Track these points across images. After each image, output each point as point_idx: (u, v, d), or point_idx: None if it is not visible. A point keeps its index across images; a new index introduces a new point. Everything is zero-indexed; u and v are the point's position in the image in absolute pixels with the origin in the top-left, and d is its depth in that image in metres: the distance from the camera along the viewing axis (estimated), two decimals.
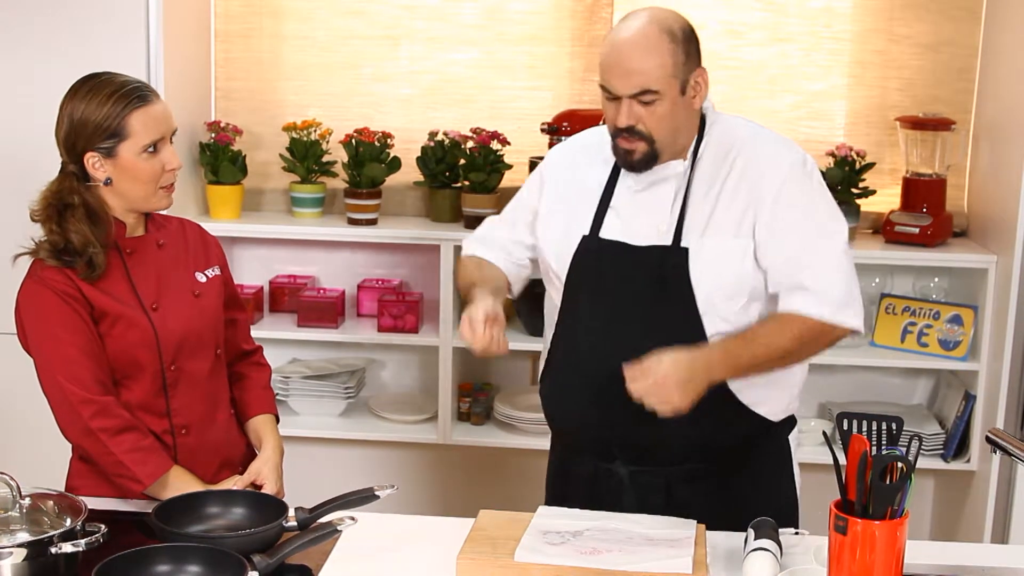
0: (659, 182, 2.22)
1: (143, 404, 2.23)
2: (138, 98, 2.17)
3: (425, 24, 3.74)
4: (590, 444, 2.30)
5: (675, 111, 2.16)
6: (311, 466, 3.67)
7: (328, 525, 1.96)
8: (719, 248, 2.17)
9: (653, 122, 2.15)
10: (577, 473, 2.34)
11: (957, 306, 3.48)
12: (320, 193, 3.71)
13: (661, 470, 2.25)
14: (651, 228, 2.21)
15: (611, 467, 2.27)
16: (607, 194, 2.26)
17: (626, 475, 2.27)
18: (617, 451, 2.26)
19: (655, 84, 2.12)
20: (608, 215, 2.25)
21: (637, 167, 2.20)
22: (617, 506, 2.21)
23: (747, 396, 2.22)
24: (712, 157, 2.22)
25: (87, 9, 3.31)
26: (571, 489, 2.34)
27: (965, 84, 3.63)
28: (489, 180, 3.58)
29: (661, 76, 2.12)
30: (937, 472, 3.72)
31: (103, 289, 2.19)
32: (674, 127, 2.18)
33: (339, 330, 3.63)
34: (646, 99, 2.13)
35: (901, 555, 1.78)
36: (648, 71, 2.12)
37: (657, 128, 2.16)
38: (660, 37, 2.13)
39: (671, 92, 2.14)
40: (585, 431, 2.29)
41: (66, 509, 1.96)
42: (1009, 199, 3.29)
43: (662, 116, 2.15)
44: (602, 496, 2.27)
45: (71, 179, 2.19)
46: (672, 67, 2.13)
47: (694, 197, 2.20)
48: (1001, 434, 2.06)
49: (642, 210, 2.23)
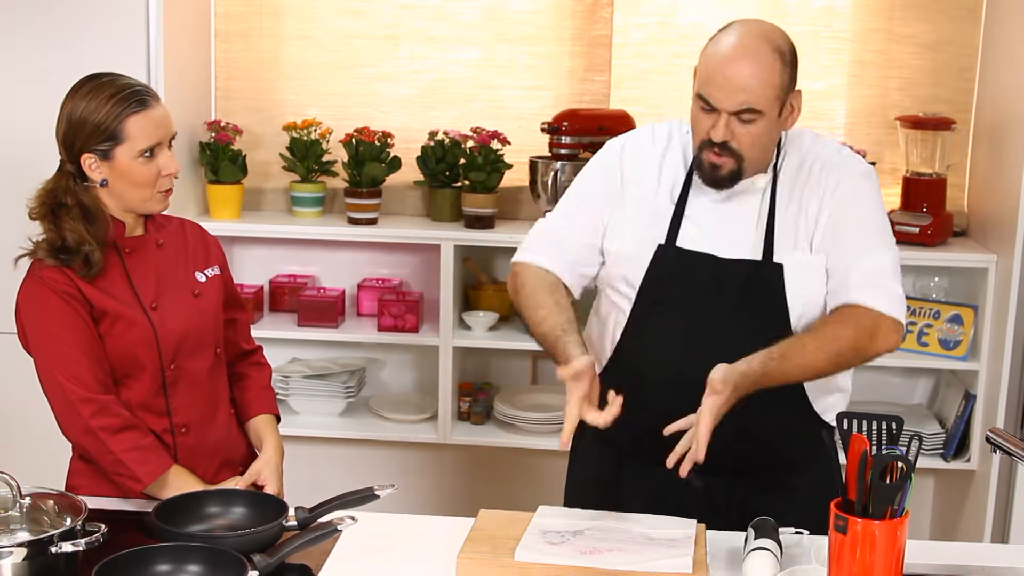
0: (742, 194, 2.19)
1: (143, 403, 2.23)
2: (137, 102, 2.16)
3: (425, 24, 3.74)
4: (659, 454, 2.15)
5: (770, 132, 2.13)
6: (311, 466, 3.67)
7: (328, 525, 1.96)
8: (809, 263, 2.16)
9: (747, 141, 2.11)
10: (637, 482, 2.28)
11: (957, 306, 3.48)
12: (320, 193, 3.71)
13: (736, 481, 2.23)
14: (738, 241, 2.17)
15: (687, 479, 2.17)
16: (682, 201, 2.21)
17: (701, 486, 2.20)
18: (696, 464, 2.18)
19: (760, 104, 2.08)
20: (684, 224, 2.20)
21: (721, 184, 2.16)
22: (687, 517, 2.13)
23: (819, 404, 2.22)
24: (791, 171, 2.20)
25: (87, 9, 3.31)
26: (626, 497, 2.28)
27: (965, 84, 3.63)
28: (489, 180, 3.58)
29: (767, 97, 2.08)
30: (937, 472, 3.72)
31: (102, 288, 2.19)
32: (764, 147, 2.15)
33: (339, 330, 3.63)
34: (746, 117, 2.09)
35: (901, 555, 1.78)
36: (756, 90, 2.07)
37: (750, 148, 2.12)
38: (772, 57, 2.09)
39: (771, 113, 2.10)
40: (655, 441, 2.16)
41: (66, 509, 1.96)
42: (1009, 199, 3.29)
43: (757, 135, 2.11)
44: (669, 506, 2.17)
45: (67, 178, 2.19)
46: (778, 89, 2.09)
47: (779, 211, 2.18)
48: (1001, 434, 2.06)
49: (725, 222, 2.19)
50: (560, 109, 3.61)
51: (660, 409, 2.17)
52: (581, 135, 3.50)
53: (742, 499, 2.23)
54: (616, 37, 3.70)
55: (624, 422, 2.16)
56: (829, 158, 2.22)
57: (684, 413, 2.11)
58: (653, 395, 2.19)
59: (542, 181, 3.52)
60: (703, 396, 2.02)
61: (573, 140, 3.50)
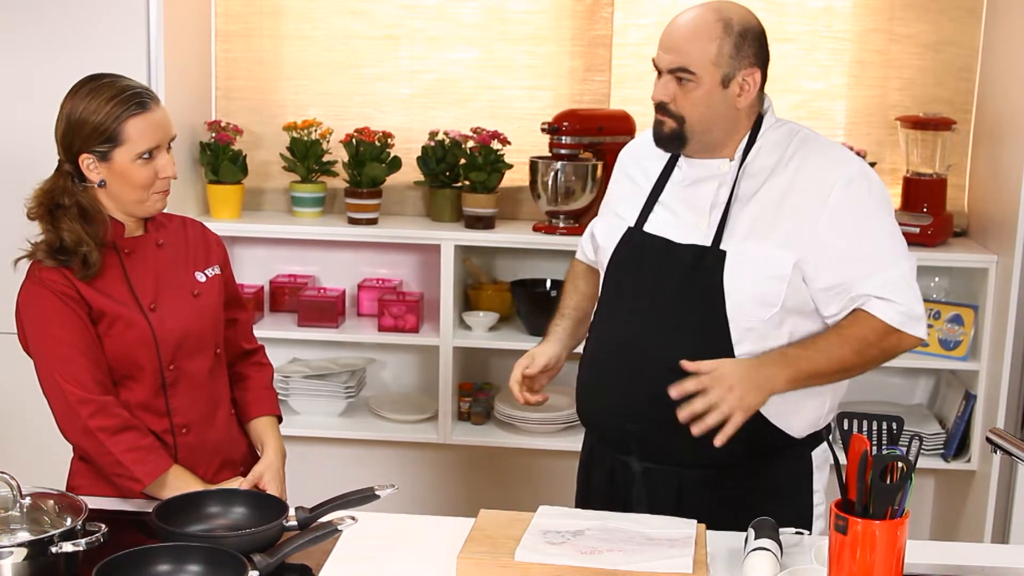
0: (704, 179, 2.22)
1: (143, 404, 2.23)
2: (137, 104, 2.16)
3: (425, 24, 3.74)
4: (611, 436, 2.30)
5: (711, 100, 2.15)
6: (311, 466, 3.67)
7: (328, 525, 1.96)
8: (758, 255, 2.14)
9: (686, 104, 2.15)
10: (599, 465, 2.36)
11: (957, 306, 3.48)
12: (320, 193, 3.71)
13: (674, 471, 2.23)
14: (694, 226, 2.20)
15: (627, 461, 2.27)
16: (658, 187, 2.26)
17: (639, 471, 2.26)
18: (633, 446, 2.25)
19: (692, 65, 2.12)
20: (656, 209, 2.25)
21: (664, 143, 2.21)
22: (628, 501, 2.22)
23: (770, 410, 2.16)
24: (764, 161, 2.20)
25: (87, 9, 3.31)
26: (593, 483, 2.37)
27: (965, 84, 3.63)
28: (489, 180, 3.58)
29: (702, 61, 2.12)
30: (937, 472, 3.72)
31: (101, 289, 2.19)
32: (708, 116, 2.16)
33: (339, 330, 3.63)
34: (681, 76, 2.14)
35: (901, 555, 1.78)
36: (688, 52, 2.13)
37: (689, 111, 2.15)
38: (713, 24, 2.13)
39: (709, 79, 2.14)
40: (607, 423, 2.29)
41: (66, 508, 1.96)
42: (1009, 199, 3.29)
43: (695, 101, 2.15)
44: (617, 490, 2.28)
45: (65, 178, 2.19)
46: (715, 56, 2.13)
47: (740, 199, 2.18)
48: (1001, 434, 2.06)
49: (686, 206, 2.22)
50: (560, 109, 3.61)
51: (609, 394, 2.26)
52: (581, 135, 3.50)
53: (680, 491, 2.24)
54: (616, 37, 3.70)
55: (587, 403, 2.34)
56: (811, 158, 2.19)
57: (629, 398, 2.21)
58: (608, 378, 2.27)
59: (542, 181, 3.51)
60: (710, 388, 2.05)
61: (573, 140, 3.50)
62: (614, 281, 2.28)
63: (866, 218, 2.15)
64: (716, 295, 2.15)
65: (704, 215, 2.19)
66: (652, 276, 2.21)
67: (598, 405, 2.31)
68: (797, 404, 2.20)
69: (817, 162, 2.18)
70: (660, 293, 2.20)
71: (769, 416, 2.18)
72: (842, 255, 2.13)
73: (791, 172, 2.17)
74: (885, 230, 2.17)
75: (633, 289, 2.24)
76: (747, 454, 2.20)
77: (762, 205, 2.16)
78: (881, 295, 2.13)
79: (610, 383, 2.26)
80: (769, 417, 2.18)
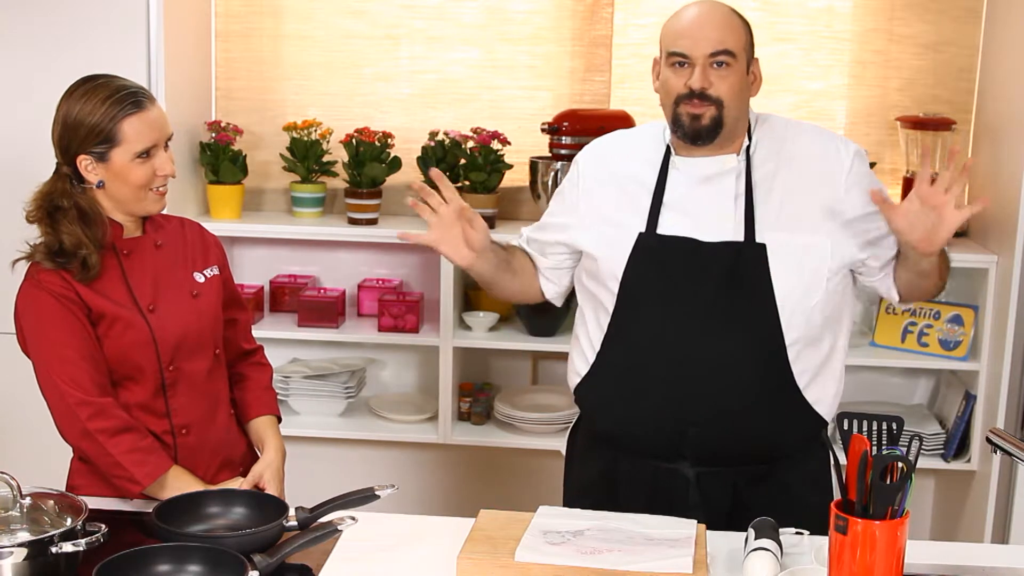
0: (716, 176, 2.22)
1: (142, 405, 2.24)
2: (132, 104, 2.16)
3: (425, 24, 3.74)
4: (655, 446, 2.24)
5: (743, 85, 2.20)
6: (311, 466, 3.67)
7: (328, 525, 1.96)
8: (797, 244, 2.18)
9: (723, 87, 2.17)
10: (634, 477, 2.29)
11: (957, 306, 3.48)
12: (320, 193, 3.71)
13: (730, 471, 2.24)
14: (717, 224, 2.20)
15: (676, 468, 2.24)
16: (659, 191, 2.24)
17: (693, 476, 2.24)
18: (687, 451, 2.23)
19: (733, 46, 2.17)
20: (664, 211, 2.23)
21: (703, 134, 2.19)
22: (681, 508, 2.18)
23: (811, 394, 2.22)
24: (765, 153, 2.24)
25: (87, 9, 3.31)
26: (623, 494, 2.30)
27: (965, 84, 3.63)
28: (489, 180, 3.58)
29: (739, 45, 2.18)
30: (937, 472, 3.72)
31: (99, 291, 2.19)
32: (740, 101, 2.20)
33: (339, 330, 3.63)
34: (722, 60, 2.16)
35: (901, 555, 1.78)
36: (726, 36, 2.17)
37: (727, 94, 2.17)
38: (734, 16, 2.21)
39: (741, 64, 2.19)
40: (650, 433, 2.24)
41: (66, 509, 1.96)
42: (1009, 199, 3.29)
43: (732, 84, 2.17)
44: (665, 499, 2.23)
45: (64, 180, 2.19)
46: (745, 40, 2.20)
47: (758, 192, 2.20)
48: (1001, 434, 2.06)
49: (700, 205, 2.21)
50: (560, 109, 3.61)
51: (656, 401, 2.21)
52: (581, 135, 3.50)
53: (735, 490, 2.25)
54: (616, 37, 3.70)
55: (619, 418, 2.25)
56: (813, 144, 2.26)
57: (680, 402, 2.18)
58: (647, 388, 2.22)
59: (542, 181, 3.52)
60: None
61: (573, 140, 3.50)
62: (634, 287, 2.23)
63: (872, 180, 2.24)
64: (764, 288, 2.16)
65: (727, 212, 2.19)
66: (683, 278, 2.19)
67: (641, 414, 2.24)
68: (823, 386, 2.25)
69: (818, 146, 2.25)
70: (696, 294, 2.18)
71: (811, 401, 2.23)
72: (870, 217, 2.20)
73: (797, 160, 2.23)
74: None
75: (661, 294, 2.20)
76: (793, 443, 2.25)
77: (781, 194, 2.20)
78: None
79: (654, 390, 2.21)
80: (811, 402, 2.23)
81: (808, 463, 2.30)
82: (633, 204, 2.25)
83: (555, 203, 2.42)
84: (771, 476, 2.26)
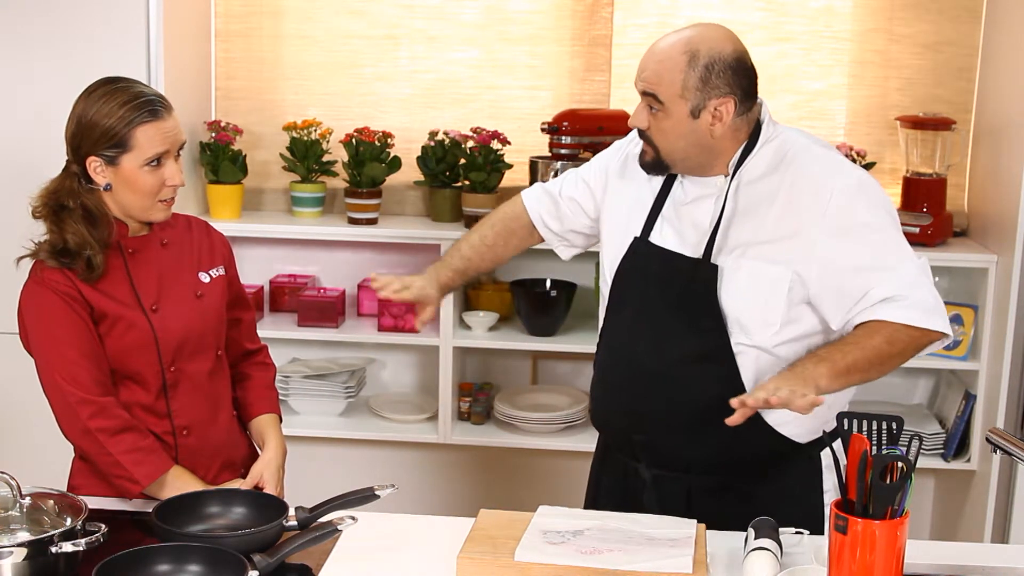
0: (702, 198, 2.21)
1: (144, 405, 2.23)
2: (149, 112, 2.15)
3: (425, 24, 3.74)
4: (621, 443, 2.33)
5: (682, 131, 2.13)
6: (311, 466, 3.67)
7: (328, 524, 1.96)
8: (754, 271, 2.12)
9: (658, 134, 2.16)
10: (611, 469, 2.38)
11: (957, 306, 3.48)
12: (320, 193, 3.71)
13: (683, 477, 2.24)
14: (690, 241, 2.20)
15: (637, 467, 2.29)
16: (660, 201, 2.26)
17: (649, 478, 2.27)
18: (642, 453, 2.27)
19: (658, 92, 2.12)
20: (659, 221, 2.24)
21: (647, 169, 2.22)
22: (639, 509, 2.19)
23: (772, 416, 2.17)
24: (760, 174, 2.17)
25: (87, 10, 3.31)
26: (604, 485, 2.39)
27: (965, 84, 3.63)
28: (489, 180, 3.58)
29: (669, 93, 2.11)
30: (937, 472, 3.72)
31: (103, 290, 2.19)
32: (682, 147, 2.15)
33: (339, 330, 3.63)
34: (651, 103, 2.14)
35: (901, 555, 1.78)
36: (652, 79, 2.13)
37: (661, 141, 2.16)
38: (679, 57, 2.10)
39: (677, 111, 2.12)
40: (617, 430, 2.32)
41: (66, 508, 1.96)
42: (1009, 199, 3.29)
43: (666, 131, 2.14)
44: (628, 497, 2.29)
45: (72, 179, 2.19)
46: (680, 88, 2.10)
47: (737, 214, 2.16)
48: (1001, 434, 2.06)
49: (686, 223, 2.22)
50: (560, 109, 3.61)
51: (617, 402, 2.28)
52: (581, 135, 3.50)
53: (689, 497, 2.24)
54: (616, 37, 3.70)
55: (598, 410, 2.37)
56: (804, 169, 2.15)
57: (632, 407, 2.23)
58: (612, 388, 2.29)
59: (542, 181, 3.51)
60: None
61: (573, 140, 3.50)
62: (620, 290, 2.29)
63: (867, 229, 2.11)
64: (712, 310, 2.15)
65: (702, 231, 2.19)
66: (655, 287, 2.22)
67: (608, 411, 2.34)
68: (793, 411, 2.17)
69: (811, 174, 2.14)
70: (662, 305, 2.21)
71: (772, 423, 2.18)
72: (841, 268, 2.10)
73: (787, 186, 2.14)
74: (886, 238, 2.12)
75: (638, 299, 2.25)
76: (754, 460, 2.22)
77: (758, 220, 2.14)
78: (889, 296, 2.07)
79: (616, 391, 2.29)
80: (773, 424, 2.18)
81: (780, 479, 2.23)
82: (641, 209, 2.28)
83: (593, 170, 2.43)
84: (730, 488, 2.23)
